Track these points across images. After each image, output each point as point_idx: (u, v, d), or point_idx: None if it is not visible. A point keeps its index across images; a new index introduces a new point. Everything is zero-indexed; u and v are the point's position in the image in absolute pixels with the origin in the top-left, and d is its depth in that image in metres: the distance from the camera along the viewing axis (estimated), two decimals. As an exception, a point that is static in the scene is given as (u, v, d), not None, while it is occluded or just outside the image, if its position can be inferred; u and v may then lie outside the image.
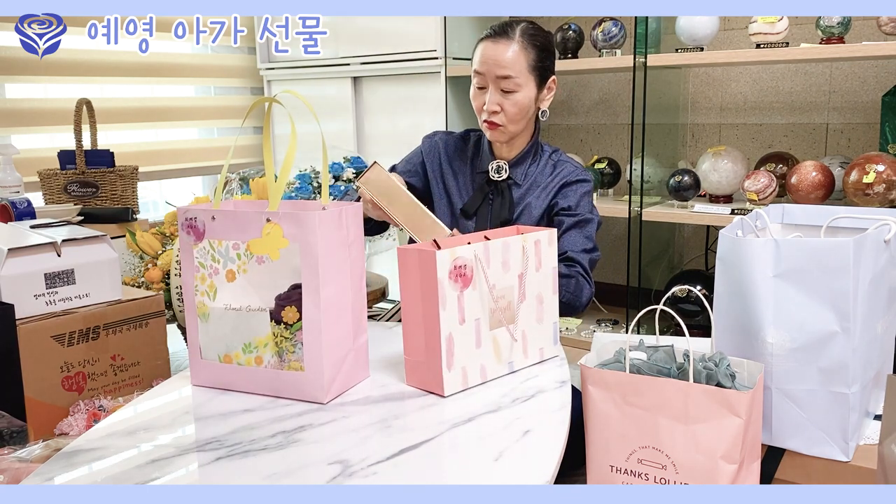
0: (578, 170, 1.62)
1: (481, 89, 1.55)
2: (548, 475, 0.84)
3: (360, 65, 2.99)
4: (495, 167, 1.61)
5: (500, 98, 1.53)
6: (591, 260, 1.56)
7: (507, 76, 1.51)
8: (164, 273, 1.94)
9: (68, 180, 2.23)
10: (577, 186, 1.59)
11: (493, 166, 1.61)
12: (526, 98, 1.54)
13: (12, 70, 2.58)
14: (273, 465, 0.87)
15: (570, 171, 1.61)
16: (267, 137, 1.10)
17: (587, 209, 1.58)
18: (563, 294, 1.45)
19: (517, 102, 1.53)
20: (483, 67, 1.53)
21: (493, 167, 1.61)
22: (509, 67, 1.51)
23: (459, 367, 1.07)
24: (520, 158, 1.62)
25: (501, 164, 1.61)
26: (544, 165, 1.63)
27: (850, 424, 1.21)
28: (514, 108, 1.53)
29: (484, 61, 1.53)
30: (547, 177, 1.62)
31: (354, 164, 2.17)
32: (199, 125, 3.30)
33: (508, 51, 1.51)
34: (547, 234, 1.19)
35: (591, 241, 1.56)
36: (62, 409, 1.49)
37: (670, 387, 1.11)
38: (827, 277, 1.18)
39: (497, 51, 1.51)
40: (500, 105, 1.53)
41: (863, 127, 2.44)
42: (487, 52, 1.53)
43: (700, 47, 2.29)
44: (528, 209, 1.59)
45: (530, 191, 1.61)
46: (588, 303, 1.53)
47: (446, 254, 1.04)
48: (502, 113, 1.53)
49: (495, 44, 1.52)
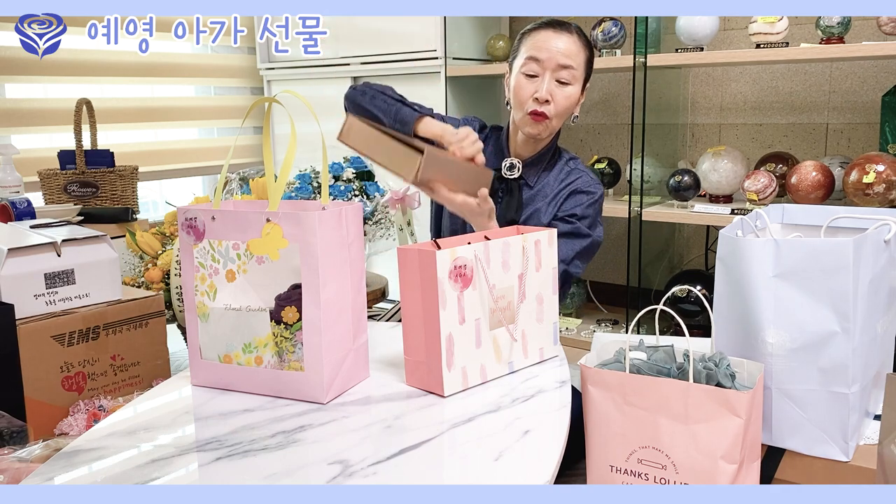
0: (592, 181, 1.58)
1: (531, 77, 1.49)
2: (548, 475, 0.84)
3: (360, 65, 2.99)
4: (508, 164, 1.56)
5: (554, 88, 1.48)
6: (568, 273, 1.51)
7: (569, 66, 1.47)
8: (164, 273, 1.94)
9: (68, 180, 2.23)
10: (586, 197, 1.55)
11: (507, 163, 1.57)
12: (576, 93, 1.51)
13: (12, 70, 2.58)
14: (273, 465, 0.87)
15: (583, 180, 1.57)
16: (267, 137, 1.10)
17: (588, 223, 1.54)
18: None
19: (570, 96, 1.50)
20: (544, 54, 1.47)
21: (506, 164, 1.57)
22: (571, 57, 1.48)
23: (459, 367, 1.07)
24: (536, 159, 1.58)
25: (515, 162, 1.56)
26: (559, 171, 1.59)
27: (850, 424, 1.21)
28: (567, 101, 1.50)
29: (546, 48, 1.47)
30: (559, 183, 1.58)
31: (354, 164, 2.16)
32: (199, 125, 3.30)
33: (572, 43, 1.49)
34: (547, 235, 1.19)
35: (572, 254, 1.51)
36: (62, 409, 1.49)
37: (670, 387, 1.11)
38: (827, 277, 1.18)
39: (560, 40, 1.48)
40: (552, 95, 1.48)
41: (863, 127, 2.44)
42: (550, 40, 1.48)
43: (700, 47, 2.29)
44: (537, 214, 1.56)
45: (540, 194, 1.57)
46: None
47: (446, 254, 1.04)
48: (552, 104, 1.48)
49: (557, 34, 1.49)
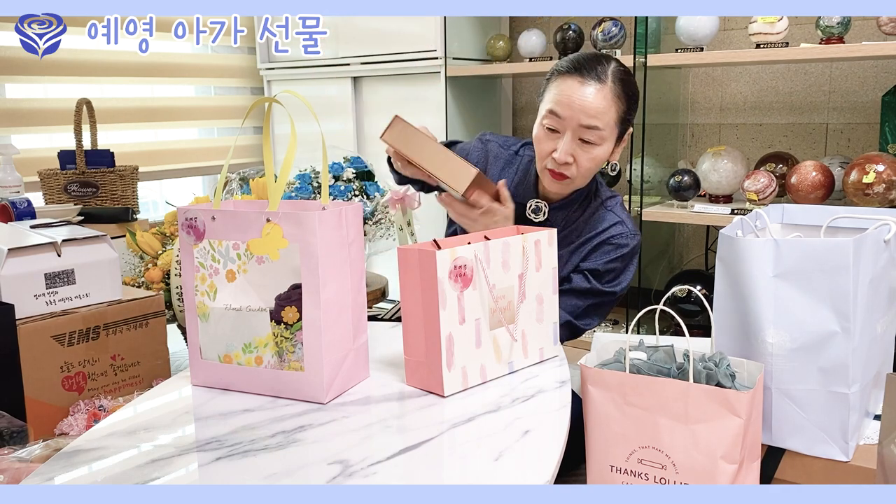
0: (627, 231, 1.41)
1: (552, 132, 1.33)
2: (548, 475, 0.84)
3: (360, 65, 2.99)
4: (534, 206, 1.42)
5: (575, 149, 1.32)
6: (570, 325, 1.41)
7: (594, 127, 1.30)
8: (164, 273, 1.94)
9: (68, 180, 2.23)
10: (615, 251, 1.40)
11: (532, 205, 1.42)
12: (605, 153, 1.34)
13: (12, 70, 2.58)
14: (273, 465, 0.87)
15: (617, 230, 1.41)
16: (267, 137, 1.10)
17: (611, 277, 1.41)
18: None
19: (595, 157, 1.33)
20: (565, 111, 1.30)
21: (531, 206, 1.42)
22: (597, 117, 1.29)
23: (459, 367, 1.07)
24: (566, 203, 1.43)
25: (541, 206, 1.42)
26: (591, 214, 1.43)
27: (850, 424, 1.21)
28: (591, 163, 1.34)
29: (568, 104, 1.29)
30: (589, 230, 1.42)
31: (354, 164, 2.16)
32: (199, 125, 3.30)
33: (601, 98, 1.29)
34: (547, 235, 1.19)
35: (582, 308, 1.40)
36: (62, 409, 1.49)
37: (670, 387, 1.11)
38: (827, 277, 1.18)
39: (586, 94, 1.29)
40: (573, 157, 1.32)
41: (863, 127, 2.44)
42: (574, 93, 1.29)
43: (700, 47, 2.29)
44: (559, 261, 1.39)
45: (565, 241, 1.42)
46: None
47: (446, 254, 1.04)
48: (574, 165, 1.33)
49: (583, 85, 1.29)
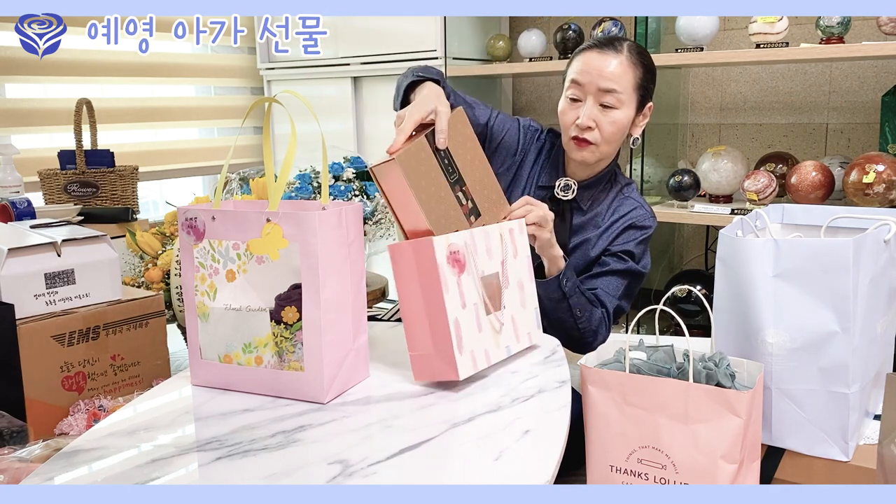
0: (647, 214, 1.51)
1: (575, 101, 1.42)
2: (548, 475, 0.84)
3: (360, 65, 2.99)
4: (563, 184, 1.48)
5: (597, 113, 1.40)
6: (619, 308, 1.48)
7: (611, 90, 1.39)
8: (164, 273, 1.94)
9: (68, 180, 2.23)
10: (639, 233, 1.49)
11: (561, 182, 1.48)
12: (625, 118, 1.42)
13: (12, 70, 2.58)
14: (273, 465, 0.87)
15: (639, 214, 1.49)
16: (267, 137, 1.10)
17: (638, 258, 1.49)
18: (580, 318, 1.39)
19: (616, 121, 1.41)
20: (584, 77, 1.40)
21: (560, 183, 1.48)
22: (615, 81, 1.39)
23: (468, 350, 1.08)
24: (593, 182, 1.50)
25: (571, 183, 1.48)
26: (612, 199, 1.51)
27: (850, 424, 1.21)
28: (613, 126, 1.41)
29: (587, 70, 1.40)
30: (613, 213, 1.50)
31: (354, 164, 2.16)
32: (199, 125, 3.30)
33: (616, 63, 1.39)
34: (517, 224, 1.22)
35: (623, 290, 1.48)
36: (62, 409, 1.49)
37: (670, 387, 1.11)
38: (827, 277, 1.18)
39: (604, 62, 1.39)
40: (595, 121, 1.40)
41: (863, 127, 2.44)
42: (592, 61, 1.40)
43: (700, 47, 2.29)
44: (586, 245, 1.48)
45: (591, 223, 1.49)
46: (595, 345, 1.41)
47: (442, 240, 1.06)
48: (597, 130, 1.41)
49: (602, 54, 1.40)
